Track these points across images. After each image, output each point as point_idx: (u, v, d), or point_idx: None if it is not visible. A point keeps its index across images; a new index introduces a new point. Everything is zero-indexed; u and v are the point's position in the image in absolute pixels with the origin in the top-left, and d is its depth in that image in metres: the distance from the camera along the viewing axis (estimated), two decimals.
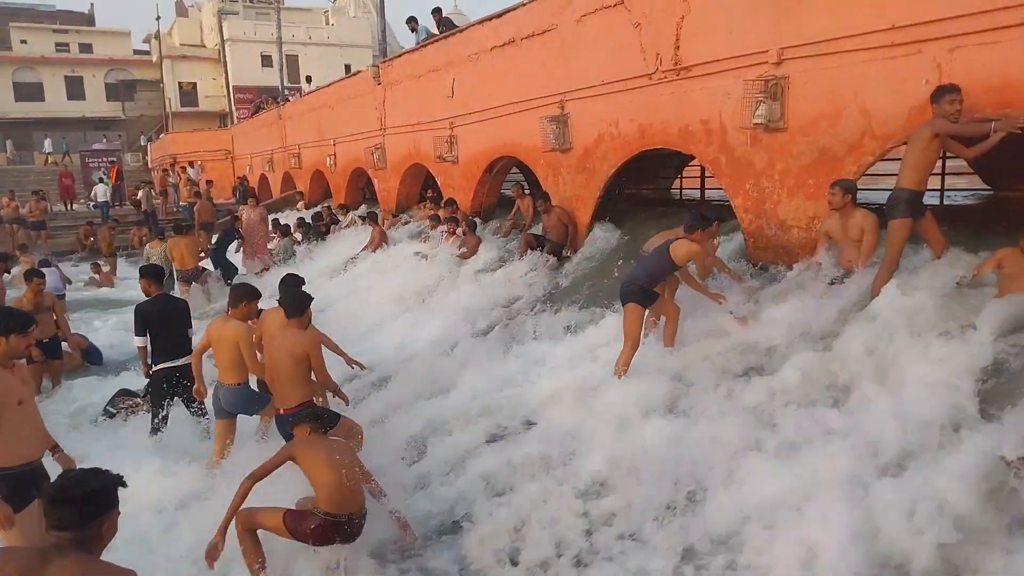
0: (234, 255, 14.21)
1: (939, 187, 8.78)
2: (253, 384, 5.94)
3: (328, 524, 4.12)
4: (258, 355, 5.80)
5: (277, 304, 5.87)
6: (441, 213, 12.07)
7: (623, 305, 5.97)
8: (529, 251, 9.38)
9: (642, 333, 6.01)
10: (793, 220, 6.75)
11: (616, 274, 8.14)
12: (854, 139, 6.10)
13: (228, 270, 13.50)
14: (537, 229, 10.11)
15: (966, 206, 8.77)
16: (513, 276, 9.11)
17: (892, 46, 5.70)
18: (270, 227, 15.10)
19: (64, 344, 8.68)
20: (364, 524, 4.30)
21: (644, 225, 9.01)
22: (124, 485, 2.44)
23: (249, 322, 5.88)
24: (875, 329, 5.01)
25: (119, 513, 2.42)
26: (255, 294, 5.97)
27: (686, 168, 13.12)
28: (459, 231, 10.91)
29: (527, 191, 11.49)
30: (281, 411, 5.21)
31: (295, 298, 5.55)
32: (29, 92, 41.19)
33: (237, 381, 5.75)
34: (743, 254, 7.29)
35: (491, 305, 8.72)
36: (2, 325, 3.97)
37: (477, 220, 11.39)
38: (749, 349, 5.71)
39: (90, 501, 2.32)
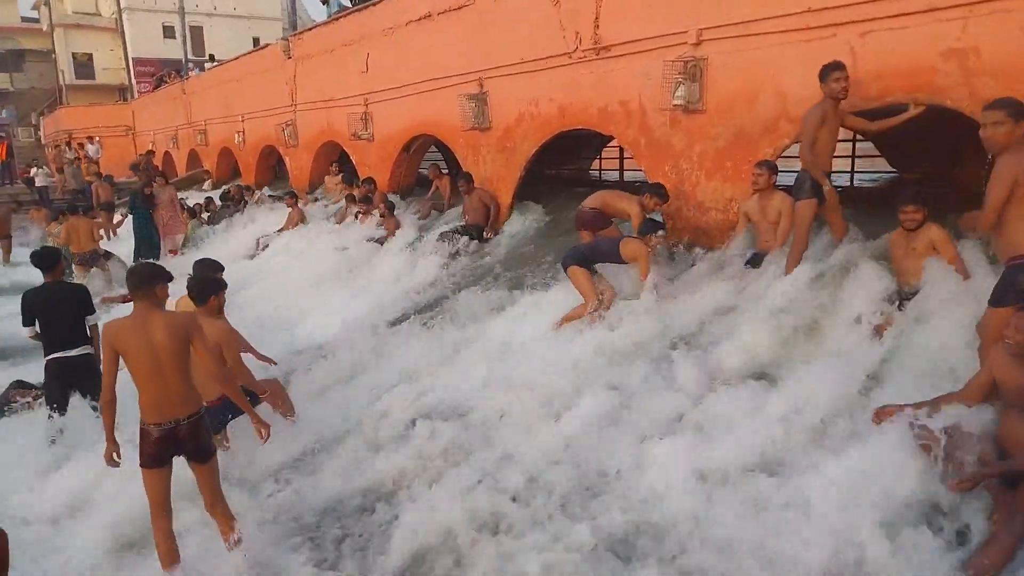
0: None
1: (849, 169, 9.03)
2: None
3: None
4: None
5: (187, 292, 5.42)
6: (356, 192, 11.62)
7: (566, 270, 6.25)
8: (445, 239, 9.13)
9: (595, 290, 6.13)
10: (711, 202, 6.75)
11: (539, 255, 8.01)
12: (770, 121, 6.11)
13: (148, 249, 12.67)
14: (457, 210, 9.84)
15: (874, 188, 9.04)
16: (432, 259, 8.83)
17: (808, 29, 5.71)
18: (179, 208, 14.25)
19: None
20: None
21: (565, 206, 8.89)
22: None
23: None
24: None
25: None
26: (221, 284, 5.37)
27: (605, 149, 13.11)
28: (375, 212, 10.52)
29: (445, 171, 11.18)
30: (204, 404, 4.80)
31: (202, 284, 5.14)
32: None
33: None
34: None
35: (410, 289, 8.42)
36: None
37: (394, 201, 11.02)
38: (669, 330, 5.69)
39: None
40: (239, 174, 18.31)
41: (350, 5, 13.05)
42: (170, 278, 4.14)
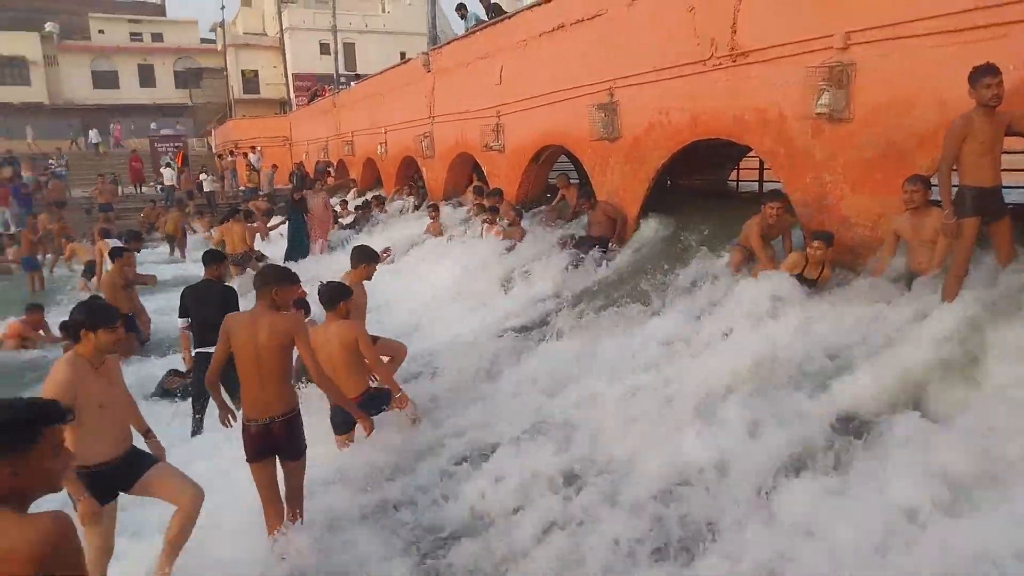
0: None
1: None
2: None
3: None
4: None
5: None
6: (485, 202, 11.68)
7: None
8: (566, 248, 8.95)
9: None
10: (857, 217, 6.14)
11: (665, 269, 7.65)
12: (927, 132, 5.46)
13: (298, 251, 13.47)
14: (581, 221, 9.63)
15: None
16: (555, 270, 8.66)
17: (973, 29, 5.04)
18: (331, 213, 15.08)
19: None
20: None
21: (695, 218, 8.47)
22: (53, 420, 2.03)
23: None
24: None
25: (38, 456, 2.00)
26: (347, 291, 5.61)
27: (744, 159, 12.48)
28: (502, 222, 10.50)
29: (574, 181, 11.01)
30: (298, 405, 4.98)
31: (330, 292, 5.35)
32: (105, 80, 42.28)
33: (359, 391, 5.27)
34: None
35: (532, 300, 8.31)
36: (89, 320, 3.69)
37: (522, 210, 10.97)
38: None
39: None
40: (381, 183, 19.00)
41: (487, 19, 13.17)
42: (294, 281, 4.31)
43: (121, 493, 3.96)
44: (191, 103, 42.96)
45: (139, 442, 4.13)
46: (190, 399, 6.57)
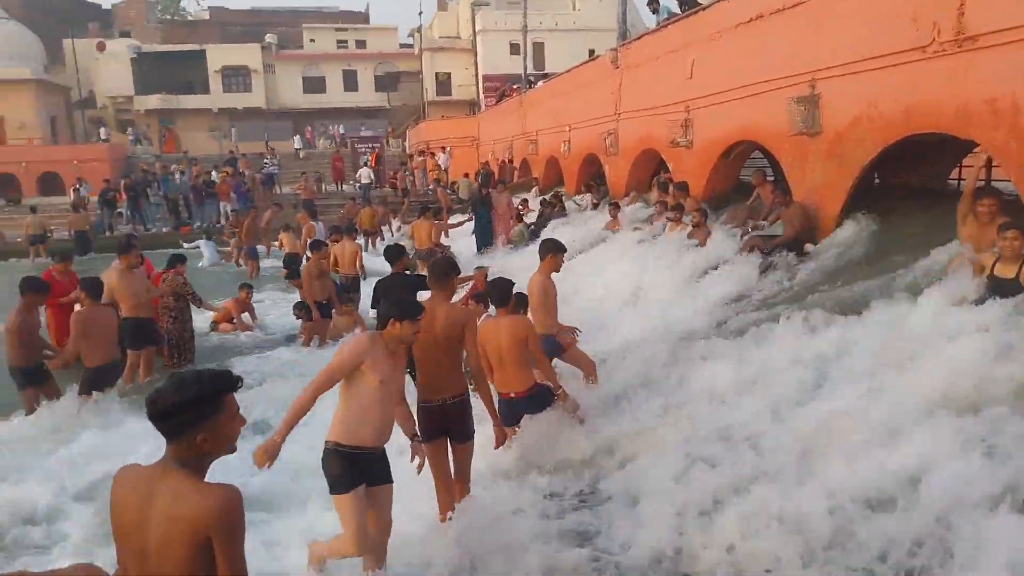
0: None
1: None
2: None
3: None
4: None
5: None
6: (668, 200, 11.54)
7: None
8: (754, 252, 8.59)
9: None
10: None
11: (867, 274, 7.15)
12: None
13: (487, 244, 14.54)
14: (775, 223, 9.23)
15: None
16: (742, 272, 8.38)
17: None
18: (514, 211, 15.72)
19: None
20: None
21: (904, 220, 7.83)
22: (232, 389, 2.27)
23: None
24: None
25: (231, 419, 2.26)
26: (562, 247, 6.13)
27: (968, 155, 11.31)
28: (686, 219, 10.31)
29: (769, 177, 10.57)
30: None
31: (499, 290, 5.61)
32: (314, 85, 46.58)
33: (526, 387, 5.43)
34: None
35: (716, 301, 8.10)
36: (400, 312, 3.91)
37: (707, 208, 10.69)
38: None
39: (176, 413, 2.16)
40: (563, 182, 19.34)
41: (679, 12, 13.00)
42: (458, 272, 4.84)
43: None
44: (388, 106, 46.13)
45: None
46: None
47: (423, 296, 4.86)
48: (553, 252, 6.15)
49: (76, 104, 42.82)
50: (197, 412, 2.17)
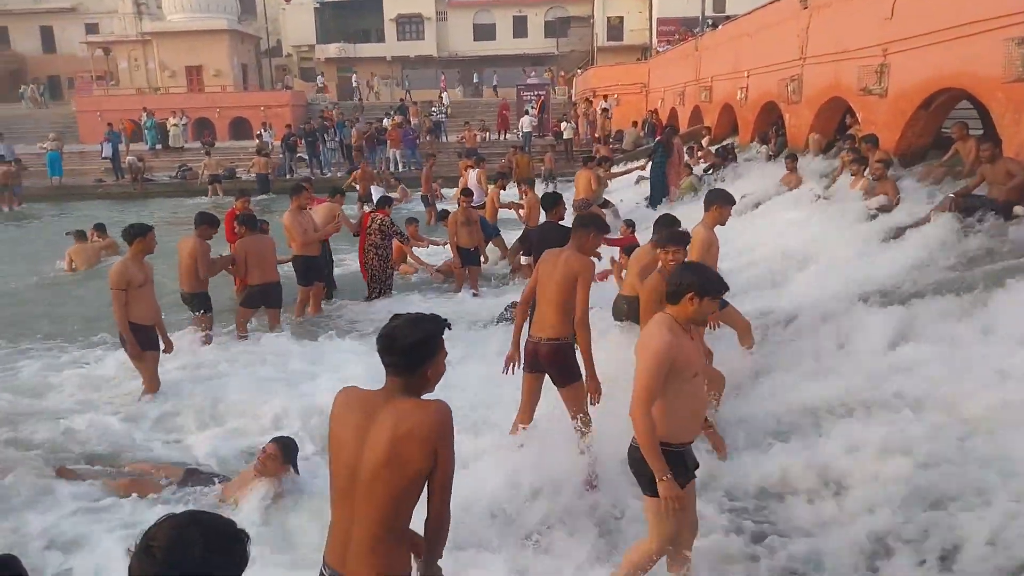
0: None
1: None
2: None
3: None
4: None
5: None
6: (847, 155, 10.74)
7: None
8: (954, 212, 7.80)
9: None
10: None
11: None
12: None
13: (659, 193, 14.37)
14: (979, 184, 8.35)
15: None
16: (934, 237, 7.68)
17: None
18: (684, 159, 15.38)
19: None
20: None
21: None
22: (447, 328, 2.60)
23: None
24: None
25: (445, 355, 2.60)
26: (730, 198, 6.04)
27: None
28: (867, 174, 9.55)
29: (973, 132, 9.54)
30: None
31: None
32: (484, 32, 47.27)
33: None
34: None
35: (902, 267, 7.50)
36: (701, 285, 3.32)
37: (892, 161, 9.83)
38: None
39: (414, 350, 2.49)
40: (736, 131, 18.50)
41: None
42: (599, 232, 4.98)
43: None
44: (557, 52, 45.93)
45: None
46: None
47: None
48: (720, 203, 5.89)
49: (264, 53, 46.26)
50: (429, 349, 2.53)
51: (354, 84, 40.08)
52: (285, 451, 4.80)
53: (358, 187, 18.44)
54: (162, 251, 7.15)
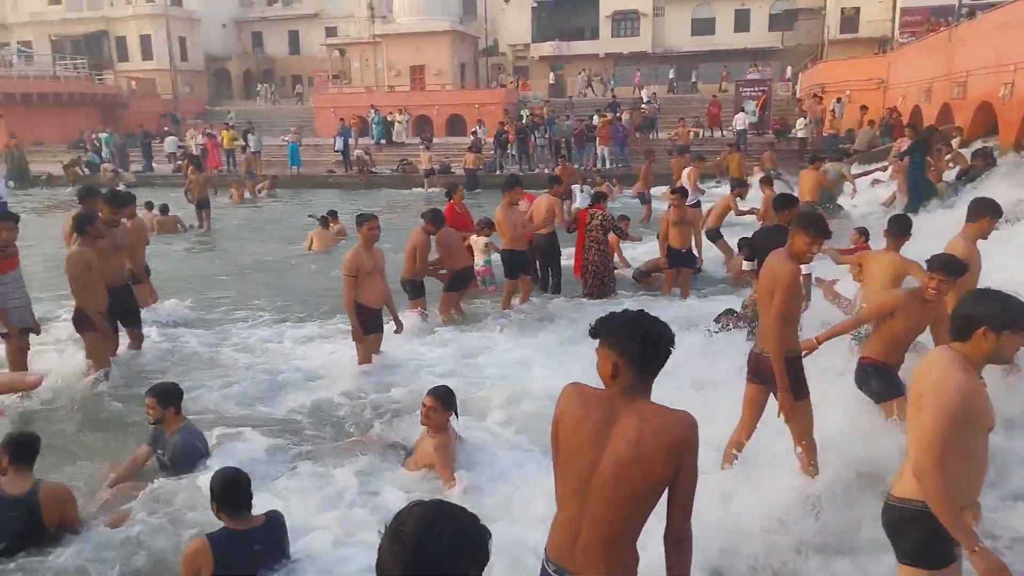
0: None
1: None
2: None
3: None
4: None
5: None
6: None
7: None
8: None
9: None
10: None
11: None
12: None
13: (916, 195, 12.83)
14: None
15: None
16: None
17: None
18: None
19: None
20: None
21: None
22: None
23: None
24: None
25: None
26: (998, 209, 5.50)
27: None
28: None
29: None
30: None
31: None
32: (702, 27, 46.10)
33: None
34: None
35: None
36: (1001, 316, 2.77)
37: None
38: None
39: (669, 349, 2.47)
40: (995, 132, 16.43)
41: None
42: (820, 236, 4.45)
43: None
44: (781, 46, 43.65)
45: None
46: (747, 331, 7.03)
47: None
48: (992, 215, 5.35)
49: (482, 52, 48.30)
50: (670, 350, 2.49)
51: (568, 80, 40.69)
52: (443, 399, 5.04)
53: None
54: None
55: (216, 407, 6.49)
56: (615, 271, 10.98)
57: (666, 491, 2.45)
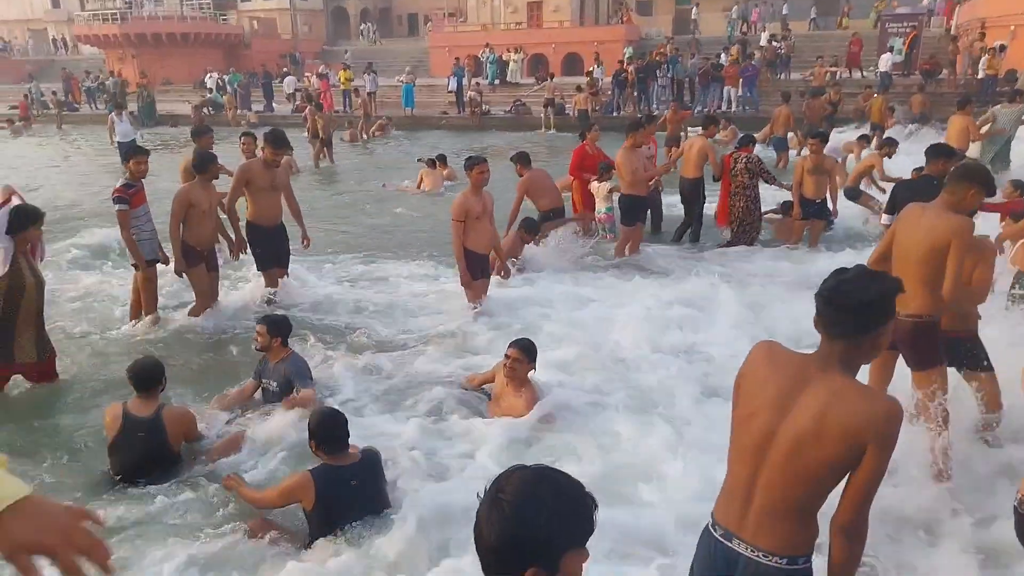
0: None
1: None
2: None
3: None
4: None
5: None
6: None
7: None
8: None
9: None
10: None
11: None
12: None
13: None
14: None
15: None
16: None
17: None
18: None
19: None
20: None
21: None
22: (902, 290, 2.28)
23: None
24: None
25: (886, 330, 2.24)
26: None
27: None
28: None
29: None
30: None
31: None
32: None
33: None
34: None
35: None
36: None
37: None
38: None
39: (867, 309, 2.18)
40: None
41: None
42: (991, 190, 4.18)
43: None
44: None
45: None
46: None
47: None
48: None
49: None
50: (884, 310, 2.21)
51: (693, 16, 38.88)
52: (527, 351, 5.06)
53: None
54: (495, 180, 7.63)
55: (321, 339, 6.74)
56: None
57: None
